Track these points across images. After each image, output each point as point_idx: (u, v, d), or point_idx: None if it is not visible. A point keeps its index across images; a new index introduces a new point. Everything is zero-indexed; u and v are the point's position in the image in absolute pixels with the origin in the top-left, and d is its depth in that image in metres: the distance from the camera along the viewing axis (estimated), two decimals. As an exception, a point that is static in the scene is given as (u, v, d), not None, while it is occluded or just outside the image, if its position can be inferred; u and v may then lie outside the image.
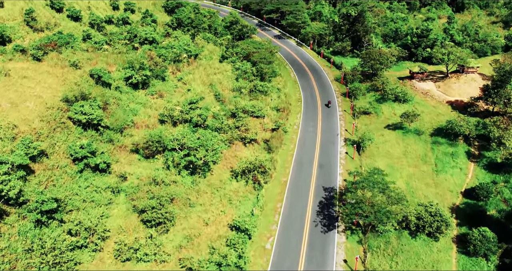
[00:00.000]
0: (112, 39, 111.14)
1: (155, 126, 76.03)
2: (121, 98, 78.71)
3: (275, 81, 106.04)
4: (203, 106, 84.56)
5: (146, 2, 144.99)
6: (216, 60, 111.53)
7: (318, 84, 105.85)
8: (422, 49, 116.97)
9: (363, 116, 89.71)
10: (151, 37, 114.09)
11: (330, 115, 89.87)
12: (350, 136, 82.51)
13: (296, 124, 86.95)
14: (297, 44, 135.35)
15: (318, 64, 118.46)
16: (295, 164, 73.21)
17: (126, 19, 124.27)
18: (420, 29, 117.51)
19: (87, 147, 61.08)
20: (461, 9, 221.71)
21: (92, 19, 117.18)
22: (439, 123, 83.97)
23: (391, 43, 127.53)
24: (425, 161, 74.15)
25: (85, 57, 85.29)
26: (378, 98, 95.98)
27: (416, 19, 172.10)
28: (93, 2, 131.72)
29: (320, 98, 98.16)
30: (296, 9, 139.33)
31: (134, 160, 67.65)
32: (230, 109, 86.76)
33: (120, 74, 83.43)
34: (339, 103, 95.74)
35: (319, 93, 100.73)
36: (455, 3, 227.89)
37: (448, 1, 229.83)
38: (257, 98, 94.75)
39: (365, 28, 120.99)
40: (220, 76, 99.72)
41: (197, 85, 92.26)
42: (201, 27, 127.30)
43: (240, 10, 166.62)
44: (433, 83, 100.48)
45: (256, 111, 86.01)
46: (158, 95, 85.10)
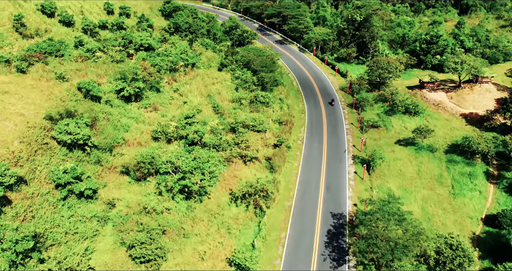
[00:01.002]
0: (106, 46, 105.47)
1: (148, 143, 70.31)
2: (112, 113, 72.98)
3: (277, 91, 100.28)
4: (200, 120, 78.90)
5: (143, 6, 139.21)
6: (214, 68, 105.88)
7: (323, 94, 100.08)
8: (432, 56, 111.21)
9: (371, 130, 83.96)
10: (147, 43, 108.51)
11: (336, 129, 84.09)
12: (359, 152, 76.74)
13: (300, 139, 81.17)
14: (299, 50, 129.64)
15: (322, 72, 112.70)
16: (300, 185, 67.45)
17: (121, 24, 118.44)
18: (429, 35, 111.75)
19: (71, 172, 55.36)
20: (465, 11, 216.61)
21: (85, 24, 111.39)
22: (454, 139, 78.21)
23: (398, 49, 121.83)
24: (440, 182, 68.38)
25: (74, 68, 79.58)
26: (387, 110, 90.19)
27: (422, 23, 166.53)
28: (87, 6, 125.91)
29: (325, 109, 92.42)
30: (299, 14, 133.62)
31: (124, 183, 61.90)
32: (229, 123, 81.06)
33: (111, 86, 77.67)
34: (346, 115, 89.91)
35: (323, 104, 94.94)
36: (459, 5, 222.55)
37: (452, 3, 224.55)
38: (258, 110, 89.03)
39: (371, 34, 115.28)
40: (218, 86, 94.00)
41: (194, 96, 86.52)
42: (200, 32, 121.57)
43: (240, 13, 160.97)
44: (444, 93, 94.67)
45: (257, 125, 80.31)
46: (152, 109, 79.38)
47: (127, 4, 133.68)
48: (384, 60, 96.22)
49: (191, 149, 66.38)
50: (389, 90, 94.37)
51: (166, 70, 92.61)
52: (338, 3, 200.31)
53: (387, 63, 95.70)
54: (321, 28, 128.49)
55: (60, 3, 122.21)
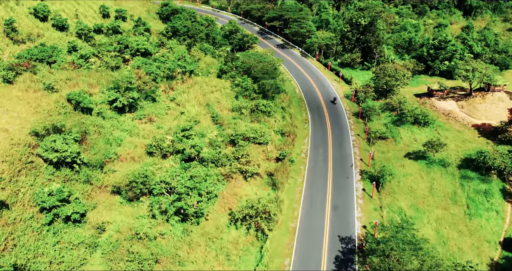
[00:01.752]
0: (101, 51, 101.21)
1: (142, 159, 65.92)
2: (104, 125, 68.61)
3: (279, 99, 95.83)
4: (198, 132, 74.56)
5: (140, 9, 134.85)
6: (213, 74, 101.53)
7: (327, 102, 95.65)
8: (440, 62, 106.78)
9: (379, 142, 79.58)
10: (143, 48, 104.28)
11: (342, 141, 79.67)
12: (366, 167, 72.34)
13: (304, 152, 76.78)
14: (301, 55, 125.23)
15: (326, 78, 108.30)
16: (305, 204, 63.04)
17: (117, 28, 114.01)
18: (437, 40, 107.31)
19: (57, 194, 51.02)
20: (469, 12, 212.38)
21: (79, 28, 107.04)
22: (467, 152, 73.87)
23: (404, 54, 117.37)
24: (455, 201, 63.98)
25: (64, 77, 75.21)
26: (395, 120, 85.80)
27: (427, 26, 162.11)
28: (82, 10, 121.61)
29: (329, 119, 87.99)
30: (301, 17, 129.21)
31: (115, 203, 57.52)
32: (229, 134, 76.69)
33: (103, 97, 73.25)
34: (351, 125, 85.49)
35: (328, 113, 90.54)
36: (463, 6, 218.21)
37: (455, 4, 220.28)
38: (259, 120, 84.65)
39: (377, 38, 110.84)
40: (218, 94, 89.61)
41: (192, 106, 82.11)
42: (198, 37, 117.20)
43: (240, 16, 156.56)
44: (455, 102, 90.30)
45: (258, 137, 75.93)
46: (148, 120, 75.02)
47: (123, 7, 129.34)
48: (391, 67, 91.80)
49: (188, 165, 61.98)
50: (397, 98, 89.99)
51: (162, 78, 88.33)
52: (340, 5, 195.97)
53: (394, 70, 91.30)
54: (324, 32, 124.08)
55: (54, 6, 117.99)
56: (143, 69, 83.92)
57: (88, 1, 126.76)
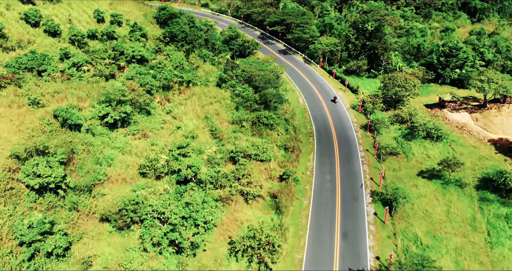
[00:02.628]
0: (94, 58, 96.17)
1: (134, 180, 60.75)
2: (93, 143, 63.39)
3: (282, 110, 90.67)
4: (196, 148, 69.43)
5: (136, 13, 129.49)
6: (213, 83, 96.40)
7: (332, 113, 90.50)
8: (451, 70, 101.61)
9: (389, 158, 74.42)
10: (139, 54, 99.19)
11: (350, 157, 74.49)
12: (377, 187, 67.18)
13: (309, 170, 71.59)
14: (304, 61, 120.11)
15: (330, 86, 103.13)
16: (312, 231, 57.84)
17: (112, 34, 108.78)
18: (448, 47, 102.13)
19: (38, 226, 45.86)
20: (473, 15, 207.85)
21: (72, 34, 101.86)
22: (484, 171, 68.75)
23: (412, 61, 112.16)
24: (474, 227, 58.82)
25: (52, 90, 69.98)
26: (406, 134, 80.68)
27: (434, 30, 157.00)
28: (75, 15, 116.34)
29: (336, 131, 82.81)
30: (304, 22, 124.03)
31: (103, 232, 52.34)
32: (229, 150, 71.57)
33: (94, 112, 67.99)
34: (359, 139, 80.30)
35: (334, 125, 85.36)
36: (467, 8, 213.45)
37: (459, 6, 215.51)
38: (261, 133, 79.52)
39: (384, 45, 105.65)
40: (217, 105, 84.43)
41: (189, 119, 76.95)
42: (197, 42, 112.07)
43: (240, 20, 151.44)
44: (468, 114, 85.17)
45: (260, 154, 70.75)
46: (141, 135, 69.81)
47: (119, 11, 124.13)
48: (401, 77, 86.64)
49: (183, 189, 56.74)
50: (407, 110, 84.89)
51: (158, 88, 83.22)
52: (342, 7, 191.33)
53: (404, 80, 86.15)
54: (328, 38, 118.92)
55: (46, 11, 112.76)
56: (137, 81, 78.60)
57: (82, 6, 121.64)
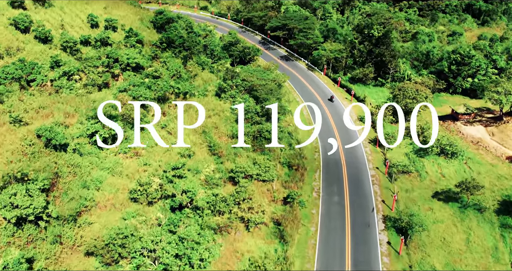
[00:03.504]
0: (87, 67, 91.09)
1: (125, 205, 55.45)
2: (81, 164, 58.08)
3: (285, 122, 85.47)
4: (192, 167, 64.20)
5: (132, 18, 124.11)
6: (212, 93, 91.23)
7: (338, 125, 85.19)
8: (462, 79, 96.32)
9: (401, 177, 69.14)
10: (134, 62, 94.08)
11: (359, 176, 69.21)
12: (390, 211, 61.88)
13: (316, 191, 66.29)
14: (307, 68, 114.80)
15: (336, 96, 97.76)
16: (320, 263, 52.51)
17: (106, 40, 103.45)
18: (459, 55, 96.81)
19: (15, 267, 40.59)
20: (478, 17, 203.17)
21: (64, 40, 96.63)
22: (503, 193, 63.52)
23: (421, 69, 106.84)
24: (497, 258, 53.60)
25: (37, 105, 64.72)
26: (418, 149, 75.43)
27: (441, 34, 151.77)
28: (68, 20, 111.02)
29: (343, 146, 77.49)
30: (307, 27, 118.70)
31: (89, 268, 47.07)
32: (228, 169, 66.34)
33: (82, 129, 62.65)
34: (368, 155, 75.00)
35: (340, 139, 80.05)
36: (471, 10, 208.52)
37: (463, 8, 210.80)
38: (263, 148, 74.25)
39: (392, 52, 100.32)
40: (216, 118, 79.15)
41: (185, 135, 71.60)
42: (195, 49, 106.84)
43: (240, 23, 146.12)
44: (483, 128, 79.91)
45: (262, 173, 65.41)
46: (133, 153, 64.50)
47: (114, 16, 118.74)
48: (412, 88, 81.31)
49: (177, 219, 51.29)
50: (418, 123, 79.61)
51: (153, 100, 77.95)
52: (344, 8, 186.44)
53: (415, 91, 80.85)
54: (332, 44, 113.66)
55: (37, 16, 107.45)
56: (129, 93, 73.28)
57: (76, 10, 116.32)
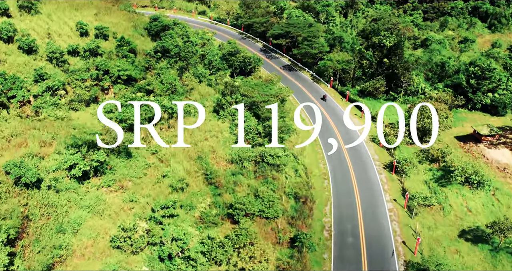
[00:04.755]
0: (73, 80, 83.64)
1: (106, 254, 47.56)
2: (56, 203, 50.21)
3: (289, 142, 77.54)
4: (186, 202, 56.43)
5: (125, 25, 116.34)
6: (209, 108, 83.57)
7: (349, 147, 77.20)
8: (482, 94, 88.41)
9: (422, 210, 61.22)
10: (126, 75, 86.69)
11: (375, 210, 61.24)
12: (412, 255, 53.92)
13: (327, 229, 58.33)
14: (312, 79, 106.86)
15: (344, 112, 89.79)
16: None
17: (96, 50, 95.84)
18: (479, 68, 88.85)
19: None
20: (485, 19, 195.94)
21: (50, 51, 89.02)
22: (542, 231, 55.52)
23: (435, 80, 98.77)
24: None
25: (9, 132, 56.79)
26: (438, 177, 67.57)
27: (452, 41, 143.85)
28: (55, 28, 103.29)
29: (355, 173, 69.57)
30: (311, 35, 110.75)
31: None
32: (227, 204, 58.50)
33: (59, 160, 54.66)
34: (384, 184, 67.04)
35: (352, 163, 72.13)
36: (478, 13, 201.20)
37: (470, 10, 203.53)
38: (266, 176, 66.36)
39: (405, 64, 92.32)
40: (213, 141, 71.28)
41: (178, 162, 63.68)
42: (192, 60, 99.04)
43: (240, 29, 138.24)
44: (509, 151, 72.05)
45: (266, 209, 57.51)
46: (119, 187, 56.63)
47: (105, 23, 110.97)
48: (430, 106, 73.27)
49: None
50: (438, 146, 71.76)
51: (144, 121, 70.19)
52: (348, 11, 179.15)
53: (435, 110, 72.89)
54: (339, 53, 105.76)
55: (22, 24, 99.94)
56: (115, 116, 65.28)
57: (64, 17, 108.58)
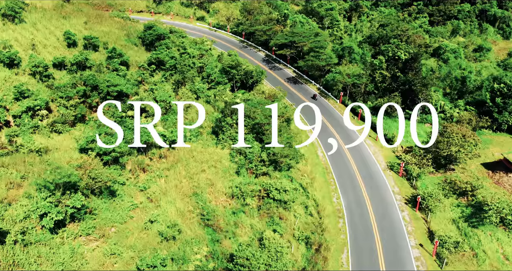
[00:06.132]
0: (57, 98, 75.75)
1: None
2: (23, 261, 41.65)
3: (297, 172, 68.99)
4: (177, 254, 47.93)
5: (117, 33, 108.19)
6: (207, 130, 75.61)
7: (365, 175, 68.68)
8: (509, 114, 79.88)
9: (452, 257, 52.67)
10: (116, 90, 78.76)
11: (399, 260, 52.55)
12: (446, 319, 45.47)
13: (343, 283, 49.83)
14: (320, 94, 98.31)
15: (357, 133, 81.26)
16: None
17: (84, 62, 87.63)
18: (505, 85, 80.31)
19: None
20: (493, 23, 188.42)
21: (33, 64, 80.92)
22: None
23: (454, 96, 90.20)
24: None
25: (-32, 172, 48.31)
26: (468, 215, 59.07)
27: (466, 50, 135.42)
28: (40, 38, 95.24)
29: (374, 210, 61.01)
30: (318, 45, 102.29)
31: None
32: (226, 254, 49.98)
33: (29, 206, 46.03)
34: (407, 225, 58.41)
35: (370, 198, 63.53)
36: (485, 16, 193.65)
37: (477, 14, 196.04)
38: (272, 215, 57.95)
39: (424, 80, 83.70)
40: (211, 172, 62.85)
41: (170, 202, 55.12)
42: (189, 73, 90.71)
43: (241, 37, 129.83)
44: (548, 183, 63.54)
45: (273, 263, 48.80)
46: (99, 235, 48.09)
47: (96, 32, 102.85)
48: (458, 133, 64.74)
49: None
50: (465, 177, 63.25)
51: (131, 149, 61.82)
52: (352, 15, 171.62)
53: (462, 137, 64.38)
54: (349, 66, 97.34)
55: (4, 34, 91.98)
56: (97, 150, 56.55)
57: (50, 26, 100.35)
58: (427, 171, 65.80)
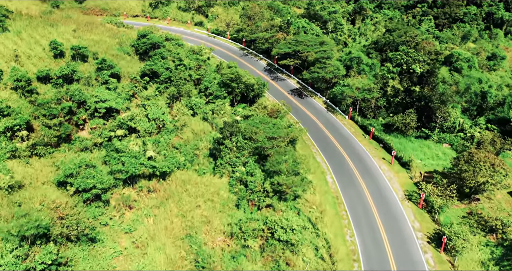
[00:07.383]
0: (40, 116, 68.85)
1: None
2: None
3: (304, 202, 61.66)
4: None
5: (108, 42, 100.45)
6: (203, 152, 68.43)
7: (381, 207, 61.26)
8: (537, 135, 72.63)
9: (487, 314, 45.42)
10: (104, 107, 71.76)
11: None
12: None
13: None
14: (326, 109, 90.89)
15: (369, 155, 73.77)
16: None
17: (71, 75, 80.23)
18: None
19: None
20: (500, 27, 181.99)
21: (15, 78, 73.82)
22: None
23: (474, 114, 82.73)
24: None
25: None
26: (499, 257, 51.69)
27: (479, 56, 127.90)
28: (24, 48, 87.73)
29: (393, 253, 53.58)
30: (324, 55, 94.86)
31: None
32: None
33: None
34: (431, 267, 50.96)
35: (387, 236, 56.05)
36: (492, 19, 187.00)
37: (483, 17, 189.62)
38: (277, 259, 50.61)
39: (442, 96, 76.19)
40: (207, 207, 55.42)
41: (159, 249, 47.69)
42: (185, 87, 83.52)
43: (242, 44, 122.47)
44: None
45: None
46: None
47: (85, 41, 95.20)
48: (486, 161, 57.22)
49: None
50: (491, 209, 55.86)
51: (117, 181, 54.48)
52: (355, 18, 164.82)
53: (490, 166, 56.88)
54: (358, 78, 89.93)
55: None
56: (76, 185, 49.18)
57: (36, 35, 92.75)
58: (451, 203, 58.35)
